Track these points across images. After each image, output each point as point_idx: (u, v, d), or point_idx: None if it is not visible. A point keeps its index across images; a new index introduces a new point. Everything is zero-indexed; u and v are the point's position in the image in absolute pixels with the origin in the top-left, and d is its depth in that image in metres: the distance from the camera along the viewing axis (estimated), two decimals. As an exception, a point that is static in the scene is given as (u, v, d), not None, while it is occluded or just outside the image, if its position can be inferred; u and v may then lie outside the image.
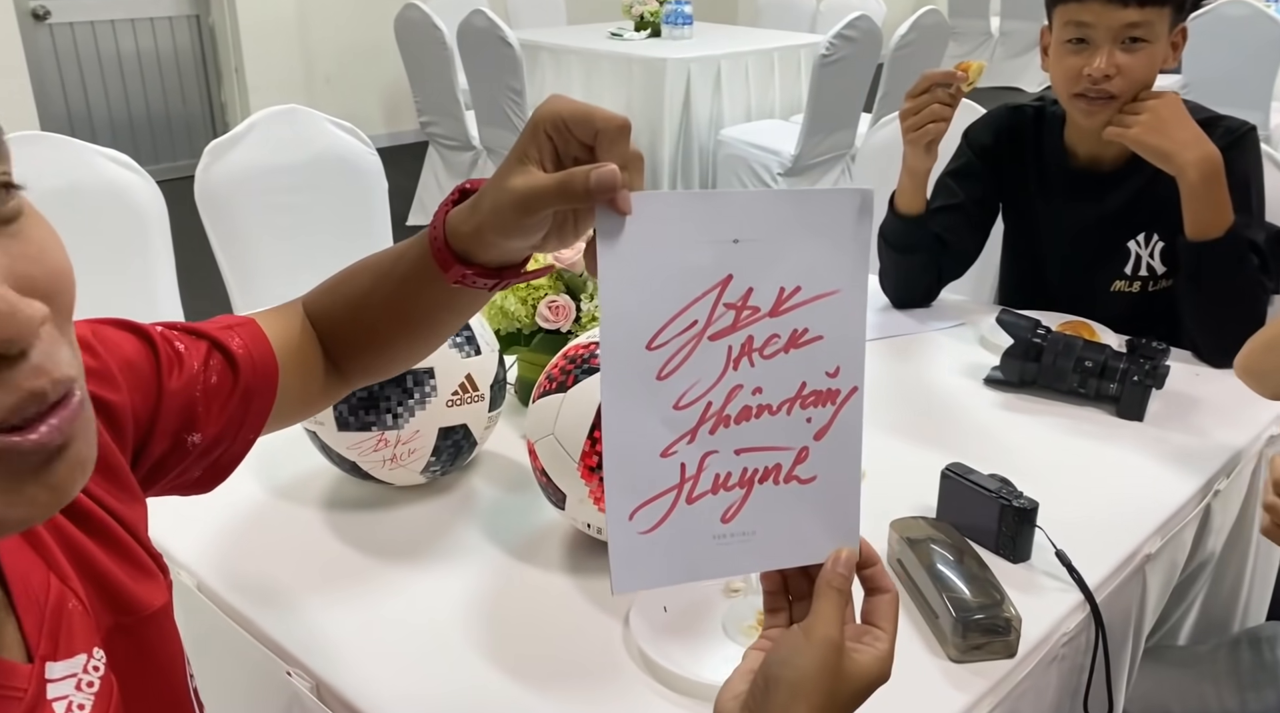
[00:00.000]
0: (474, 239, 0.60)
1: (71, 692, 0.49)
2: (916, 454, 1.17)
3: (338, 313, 0.73)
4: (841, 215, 0.55)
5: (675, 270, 0.53)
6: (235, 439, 0.68)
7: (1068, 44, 1.34)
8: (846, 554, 0.58)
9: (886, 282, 1.60)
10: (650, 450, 0.55)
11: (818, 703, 0.54)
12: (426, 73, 4.09)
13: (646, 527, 0.55)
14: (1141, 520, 1.04)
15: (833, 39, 3.62)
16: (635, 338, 0.53)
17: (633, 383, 0.54)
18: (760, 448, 0.57)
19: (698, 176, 4.29)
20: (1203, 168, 1.27)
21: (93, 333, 0.61)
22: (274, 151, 1.99)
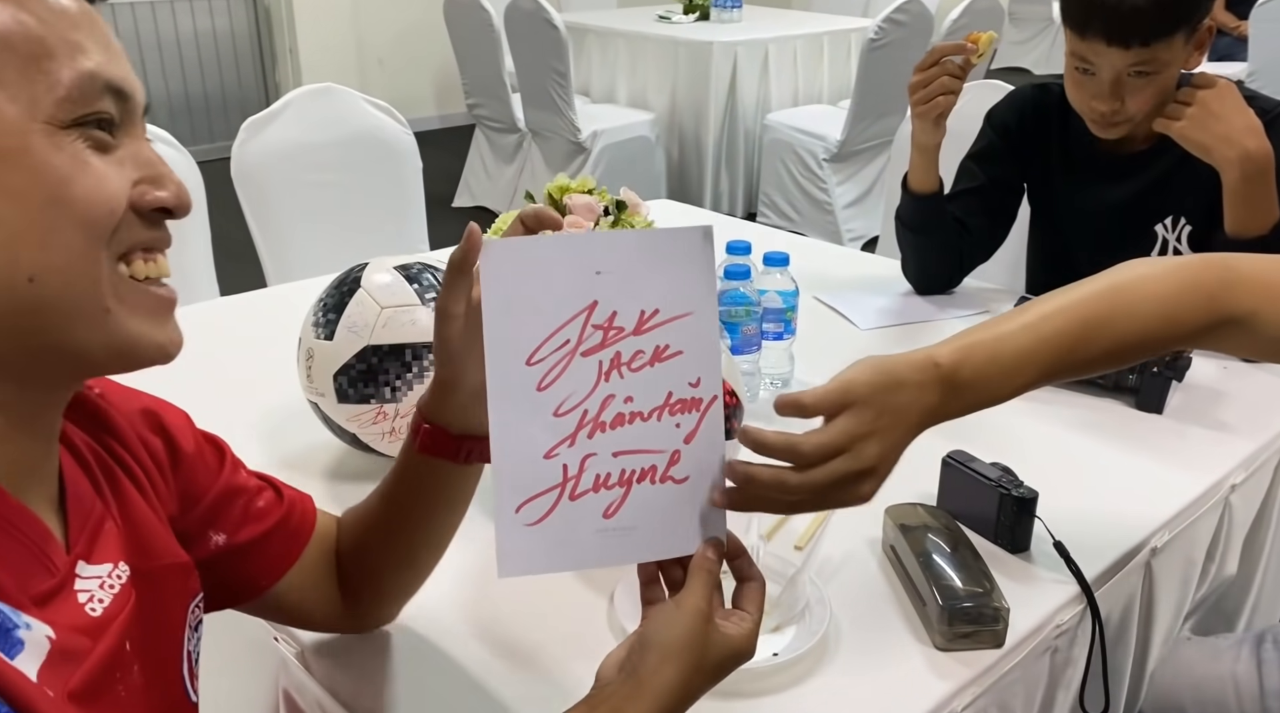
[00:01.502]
0: (438, 395, 0.70)
1: (95, 589, 0.56)
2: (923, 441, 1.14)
3: (357, 523, 0.80)
4: (687, 249, 0.63)
5: (547, 298, 0.62)
6: (251, 569, 0.74)
7: (1076, 69, 1.30)
8: (715, 543, 0.65)
9: (907, 266, 1.57)
10: (534, 452, 0.62)
11: (684, 666, 0.60)
12: (474, 55, 4.12)
13: (533, 519, 0.62)
14: (1148, 514, 1.02)
15: (882, 23, 3.56)
16: (516, 355, 0.61)
17: (515, 393, 0.61)
18: (636, 451, 0.63)
19: (742, 161, 4.26)
20: (1245, 166, 1.22)
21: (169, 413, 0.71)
22: (309, 130, 2.02)
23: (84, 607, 0.55)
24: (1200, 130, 1.23)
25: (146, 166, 0.54)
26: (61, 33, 0.51)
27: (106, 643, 0.55)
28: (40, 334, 0.52)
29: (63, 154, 0.51)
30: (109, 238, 0.52)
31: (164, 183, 0.55)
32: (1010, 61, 7.37)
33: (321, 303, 1.03)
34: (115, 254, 0.53)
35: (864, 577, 0.94)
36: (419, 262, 1.05)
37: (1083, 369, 0.80)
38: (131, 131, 0.55)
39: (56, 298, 0.51)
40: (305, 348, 1.03)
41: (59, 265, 0.51)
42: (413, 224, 2.17)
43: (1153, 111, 1.30)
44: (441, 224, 2.57)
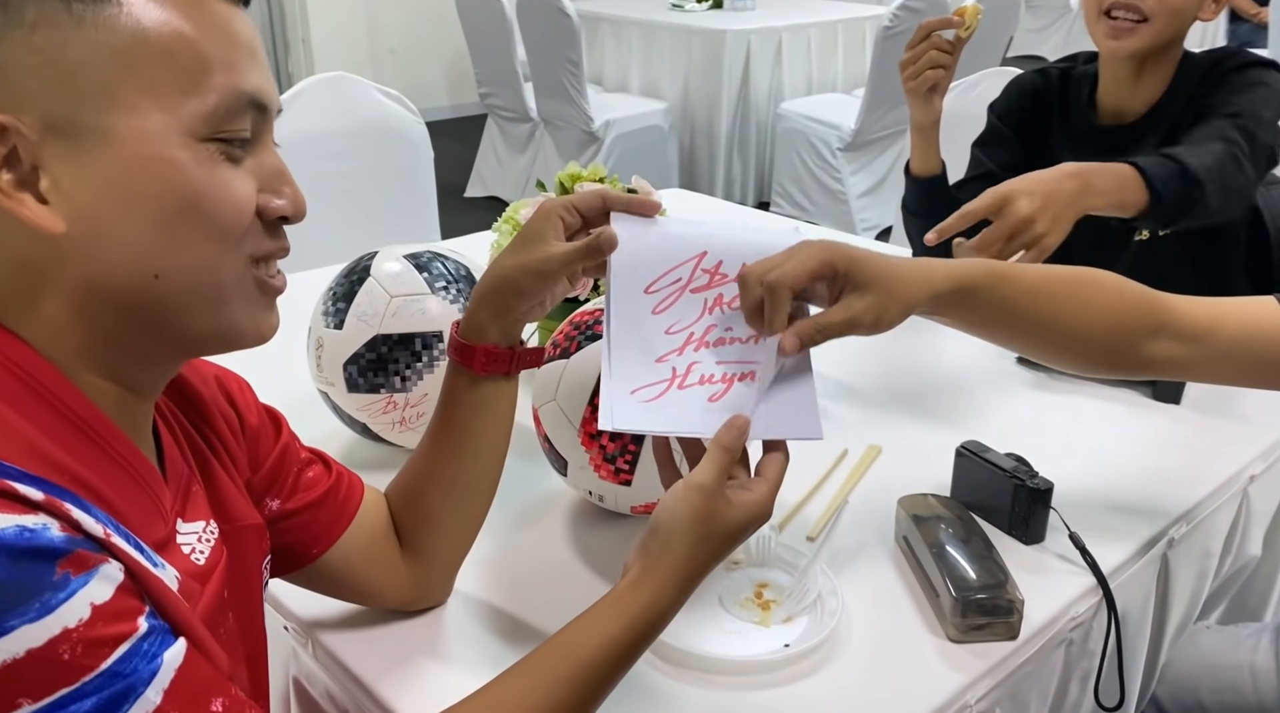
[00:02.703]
0: (492, 315, 0.76)
1: (194, 542, 0.61)
2: (939, 432, 1.14)
3: (407, 477, 0.84)
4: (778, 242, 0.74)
5: (667, 247, 0.75)
6: (301, 536, 0.77)
7: None
8: (742, 422, 0.69)
9: (916, 256, 1.55)
10: (648, 357, 0.72)
11: (690, 540, 0.65)
12: (486, 44, 4.11)
13: (646, 399, 0.71)
14: (1165, 506, 1.00)
15: (897, 10, 3.53)
16: (637, 283, 0.73)
17: (635, 311, 0.73)
18: (736, 361, 0.73)
19: (755, 150, 4.24)
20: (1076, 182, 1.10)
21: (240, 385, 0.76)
22: (321, 119, 2.02)
23: (189, 556, 0.60)
24: (1065, 216, 1.08)
25: (270, 175, 0.58)
26: (221, 49, 0.55)
27: (213, 587, 0.60)
28: (158, 321, 0.56)
29: (201, 168, 0.54)
30: (240, 243, 0.56)
31: (283, 192, 0.58)
32: (1027, 49, 7.30)
33: (331, 292, 1.03)
34: (245, 256, 0.57)
35: (876, 568, 0.93)
36: (429, 250, 1.05)
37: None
38: (262, 139, 0.58)
39: (179, 293, 0.55)
40: (315, 337, 1.03)
41: (186, 266, 0.55)
42: (425, 213, 2.17)
43: (1170, 29, 1.27)
44: (454, 214, 2.57)
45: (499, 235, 1.22)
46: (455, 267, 1.04)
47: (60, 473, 0.50)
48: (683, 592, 0.65)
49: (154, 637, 0.49)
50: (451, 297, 1.01)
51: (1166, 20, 1.27)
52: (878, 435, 1.15)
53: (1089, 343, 0.85)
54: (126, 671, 0.47)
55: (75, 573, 0.46)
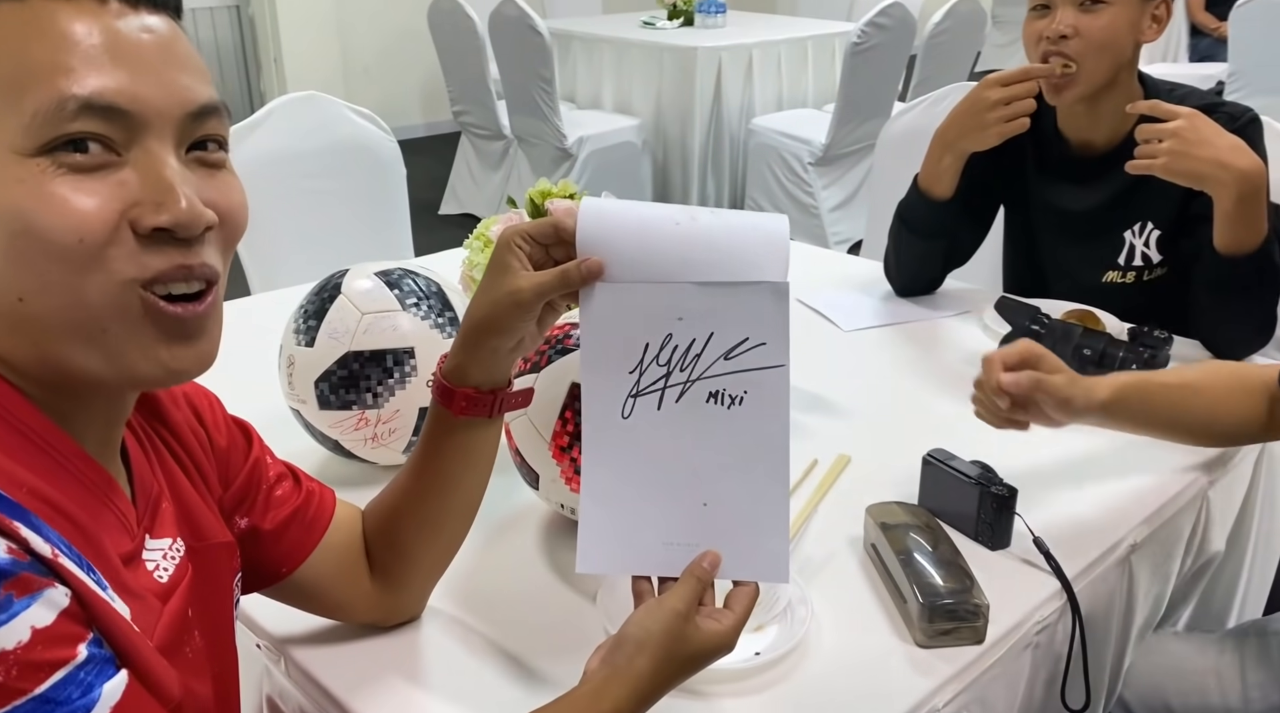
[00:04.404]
0: (472, 356, 0.74)
1: (159, 559, 0.61)
2: (906, 441, 1.15)
3: (384, 504, 0.83)
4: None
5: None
6: (270, 554, 0.77)
7: (1033, 11, 1.34)
8: (714, 558, 0.70)
9: (895, 269, 1.57)
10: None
11: (656, 656, 0.65)
12: (458, 62, 4.12)
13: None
14: (1128, 510, 1.02)
15: (865, 27, 3.58)
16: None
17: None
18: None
19: (728, 166, 4.27)
20: (1241, 187, 1.19)
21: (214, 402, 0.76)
22: (292, 138, 2.02)
23: (152, 574, 0.59)
24: (1186, 160, 1.20)
25: (149, 184, 0.52)
26: (47, 53, 0.50)
27: (173, 606, 0.59)
28: (49, 350, 0.53)
29: (24, 185, 0.50)
30: (97, 261, 0.51)
31: (164, 203, 0.52)
32: (994, 64, 7.39)
33: (302, 310, 1.03)
34: (121, 280, 0.52)
35: (846, 575, 0.94)
36: (400, 267, 1.05)
37: None
38: (144, 144, 0.53)
39: (49, 318, 0.52)
40: (286, 355, 1.03)
41: (41, 289, 0.51)
42: (397, 232, 2.17)
43: (1103, 68, 1.30)
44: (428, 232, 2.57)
45: (470, 252, 1.23)
46: (427, 283, 1.05)
47: (16, 487, 0.50)
48: (640, 707, 0.66)
49: (93, 666, 0.48)
50: (423, 313, 1.02)
51: (1096, 59, 1.30)
52: (847, 445, 1.16)
53: (1224, 421, 1.06)
54: (60, 697, 0.46)
55: (18, 595, 0.46)
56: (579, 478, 0.90)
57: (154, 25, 0.54)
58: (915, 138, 2.03)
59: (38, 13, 0.51)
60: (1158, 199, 1.33)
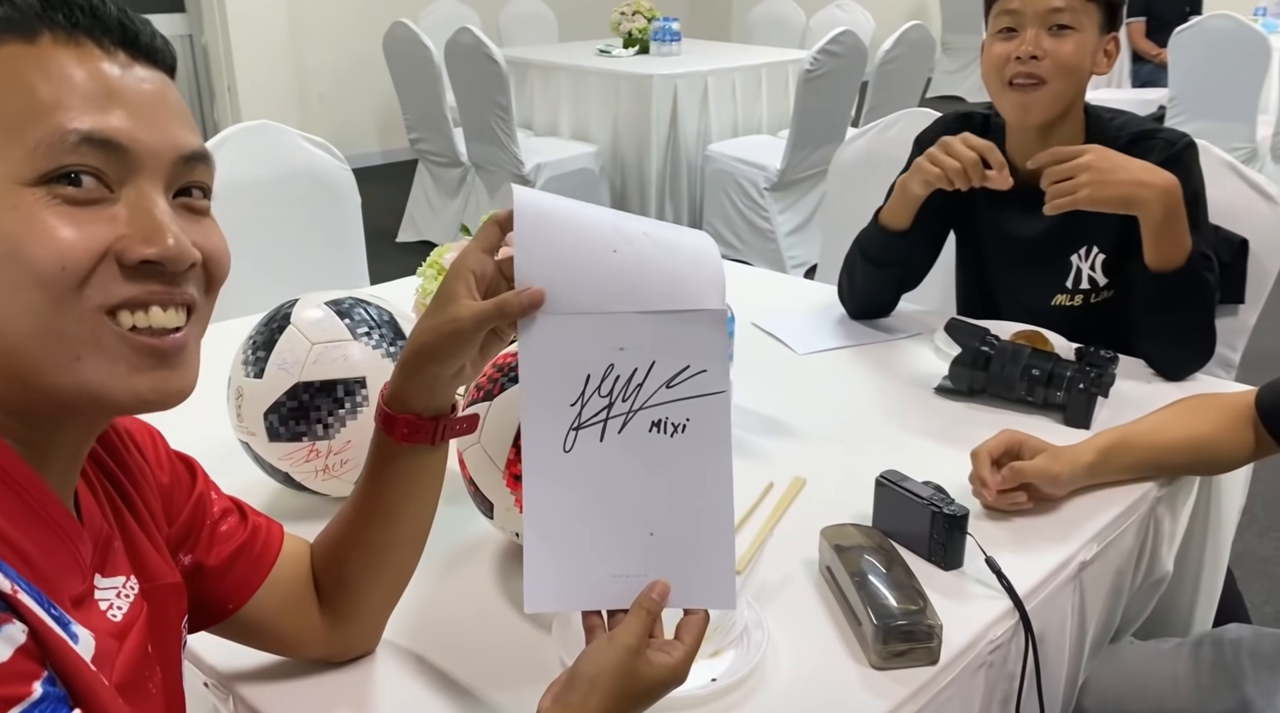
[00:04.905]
0: (413, 383, 0.73)
1: (112, 598, 0.61)
2: (860, 462, 1.16)
3: (330, 535, 0.82)
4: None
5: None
6: (215, 592, 0.76)
7: (999, 35, 1.37)
8: (663, 588, 0.69)
9: (851, 295, 1.58)
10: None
11: (610, 693, 0.65)
12: (414, 90, 4.12)
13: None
14: (1077, 528, 1.04)
15: (817, 54, 3.64)
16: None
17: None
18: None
19: (685, 192, 4.31)
20: (1166, 202, 1.25)
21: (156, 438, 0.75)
22: (245, 167, 2.00)
23: (105, 613, 0.59)
24: (1107, 188, 1.26)
25: (139, 220, 0.55)
26: (50, 91, 0.54)
27: (132, 643, 0.59)
28: (19, 373, 0.54)
29: (18, 212, 0.52)
30: (77, 290, 0.53)
31: (152, 237, 0.55)
32: (945, 90, 7.56)
33: (251, 341, 1.02)
34: (98, 305, 0.54)
35: (801, 598, 0.94)
36: (351, 296, 1.05)
37: None
38: (136, 183, 0.56)
39: (21, 345, 0.53)
40: (235, 387, 1.02)
41: (18, 314, 0.53)
42: (352, 261, 2.15)
43: (1068, 90, 1.35)
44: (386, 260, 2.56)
45: (424, 281, 1.23)
46: (378, 312, 1.04)
47: None
48: None
49: (47, 704, 0.48)
50: (374, 342, 1.01)
51: (1064, 81, 1.34)
52: (803, 468, 1.17)
53: (1210, 450, 1.12)
54: None
55: None
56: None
57: (150, 77, 0.58)
58: (866, 164, 2.07)
59: (45, 56, 0.54)
60: (1101, 224, 1.36)
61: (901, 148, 1.62)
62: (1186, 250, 1.28)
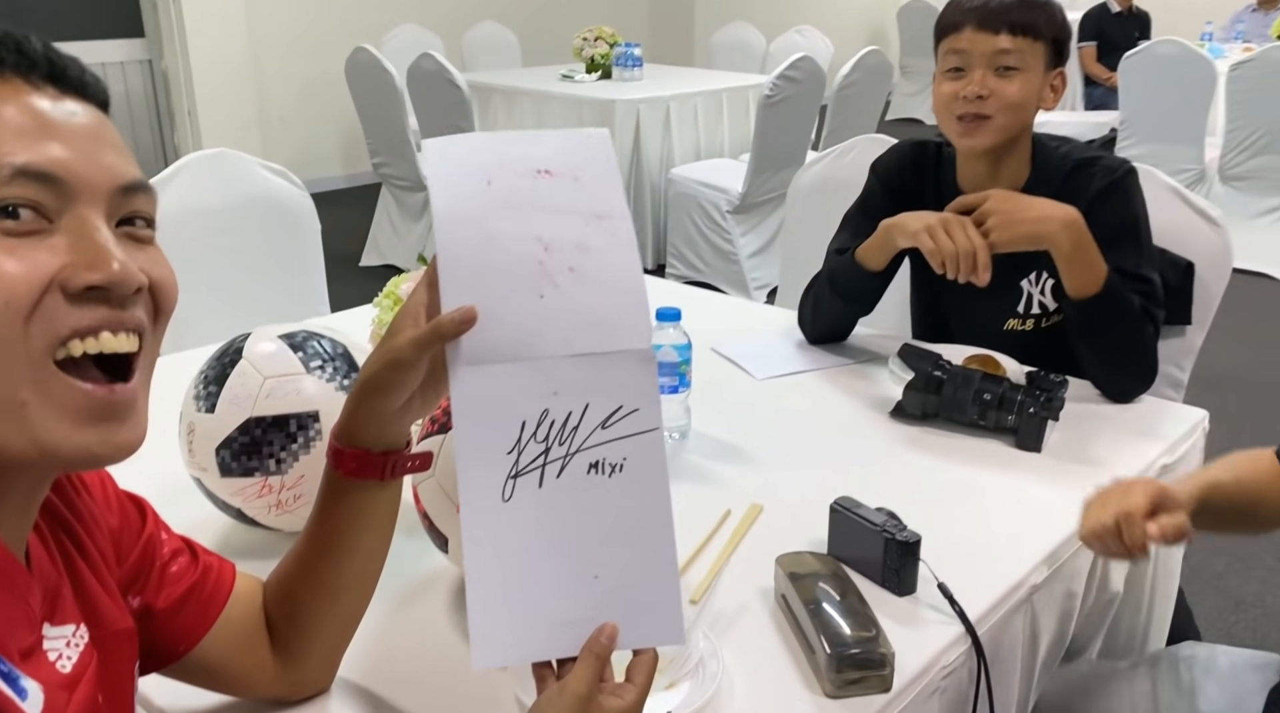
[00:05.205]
0: (359, 416, 0.72)
1: (62, 648, 0.60)
2: (817, 488, 1.17)
3: (281, 572, 0.81)
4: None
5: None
6: (165, 634, 0.74)
7: (947, 74, 1.41)
8: (611, 630, 0.68)
9: (816, 324, 1.60)
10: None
11: None
12: (377, 114, 4.12)
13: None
14: (1028, 552, 1.05)
15: (776, 80, 3.69)
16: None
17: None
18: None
19: (650, 214, 4.33)
20: (1071, 233, 1.30)
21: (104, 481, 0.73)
22: (202, 196, 1.99)
23: (54, 664, 0.58)
24: (1015, 227, 1.30)
25: (81, 247, 0.54)
26: None
27: (81, 694, 0.58)
28: None
29: None
30: (23, 327, 0.52)
31: (97, 263, 0.54)
32: (904, 113, 7.68)
33: (203, 376, 1.01)
34: (42, 344, 0.53)
35: (757, 627, 0.95)
36: (304, 330, 1.04)
37: None
38: (76, 212, 0.55)
39: None
40: (186, 422, 1.01)
41: None
42: (312, 287, 2.14)
43: (1014, 125, 1.39)
44: (349, 283, 2.55)
45: (380, 311, 1.23)
46: (332, 345, 1.03)
47: None
48: None
49: None
50: (328, 375, 1.00)
51: (1009, 116, 1.38)
52: (760, 494, 1.17)
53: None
54: None
55: None
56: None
57: (82, 110, 0.58)
58: (823, 189, 2.09)
59: None
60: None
61: (858, 173, 1.64)
62: (1102, 276, 1.32)
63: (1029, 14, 1.37)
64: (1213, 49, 4.99)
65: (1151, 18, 6.04)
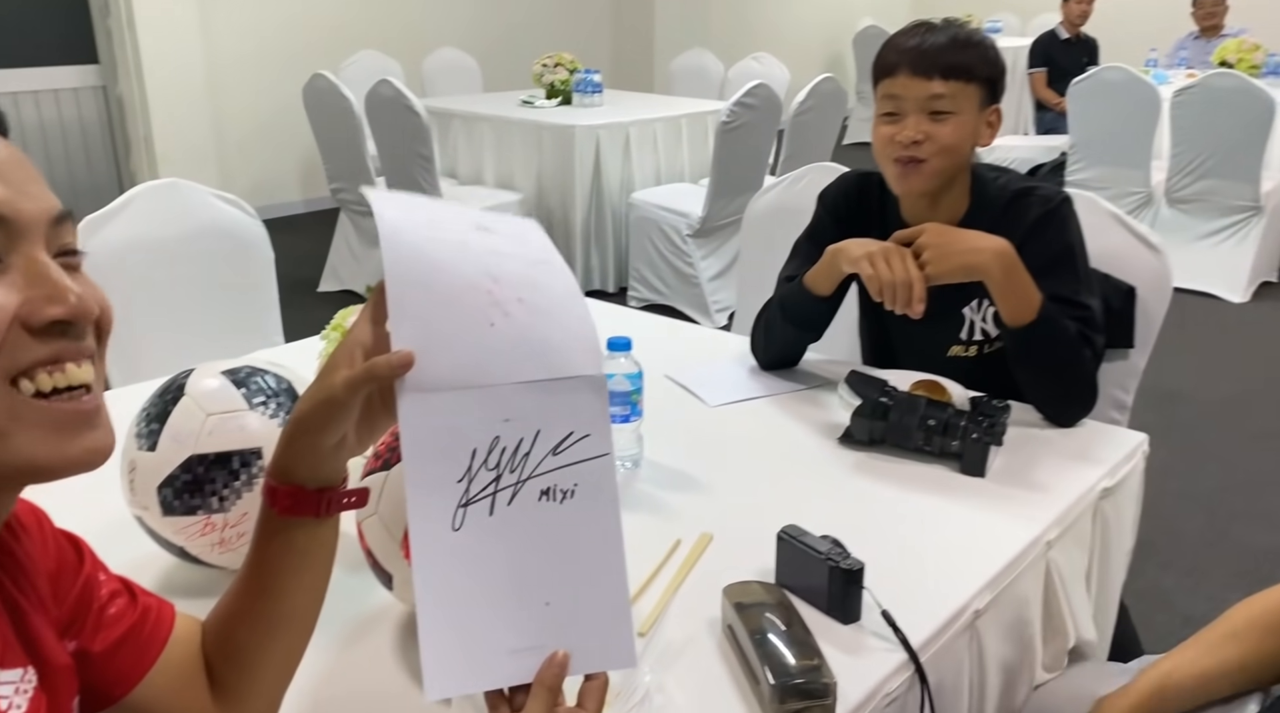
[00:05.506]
0: (293, 453, 0.71)
1: (11, 694, 0.59)
2: (766, 516, 1.17)
3: (220, 612, 0.80)
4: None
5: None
6: (103, 677, 0.73)
7: (883, 117, 1.44)
8: (562, 658, 0.68)
9: (769, 350, 1.61)
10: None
11: None
12: (335, 140, 4.10)
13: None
14: (970, 576, 1.07)
15: (733, 106, 3.73)
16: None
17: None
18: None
19: (611, 238, 4.35)
20: (1002, 262, 1.33)
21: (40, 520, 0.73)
22: (153, 226, 1.97)
23: (5, 712, 0.58)
24: (948, 259, 1.33)
25: (37, 283, 0.56)
26: None
27: None
28: None
29: None
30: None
31: (56, 297, 0.56)
32: (861, 137, 7.78)
33: (145, 413, 1.00)
34: (9, 374, 0.55)
35: (704, 659, 0.95)
36: (248, 365, 1.04)
37: None
38: (22, 250, 0.56)
39: None
40: (128, 460, 1.00)
41: None
42: (266, 317, 2.13)
43: (949, 166, 1.42)
44: (307, 310, 2.53)
45: (327, 343, 1.22)
46: (276, 381, 1.03)
47: None
48: None
49: None
50: (271, 411, 1.00)
51: (944, 159, 1.42)
52: (710, 522, 1.18)
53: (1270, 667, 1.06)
54: None
55: None
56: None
57: (3, 144, 0.58)
58: (777, 215, 2.12)
59: None
60: None
61: (810, 200, 1.67)
62: (1036, 304, 1.35)
63: (961, 55, 1.40)
64: (1157, 75, 5.11)
65: (1099, 44, 6.20)
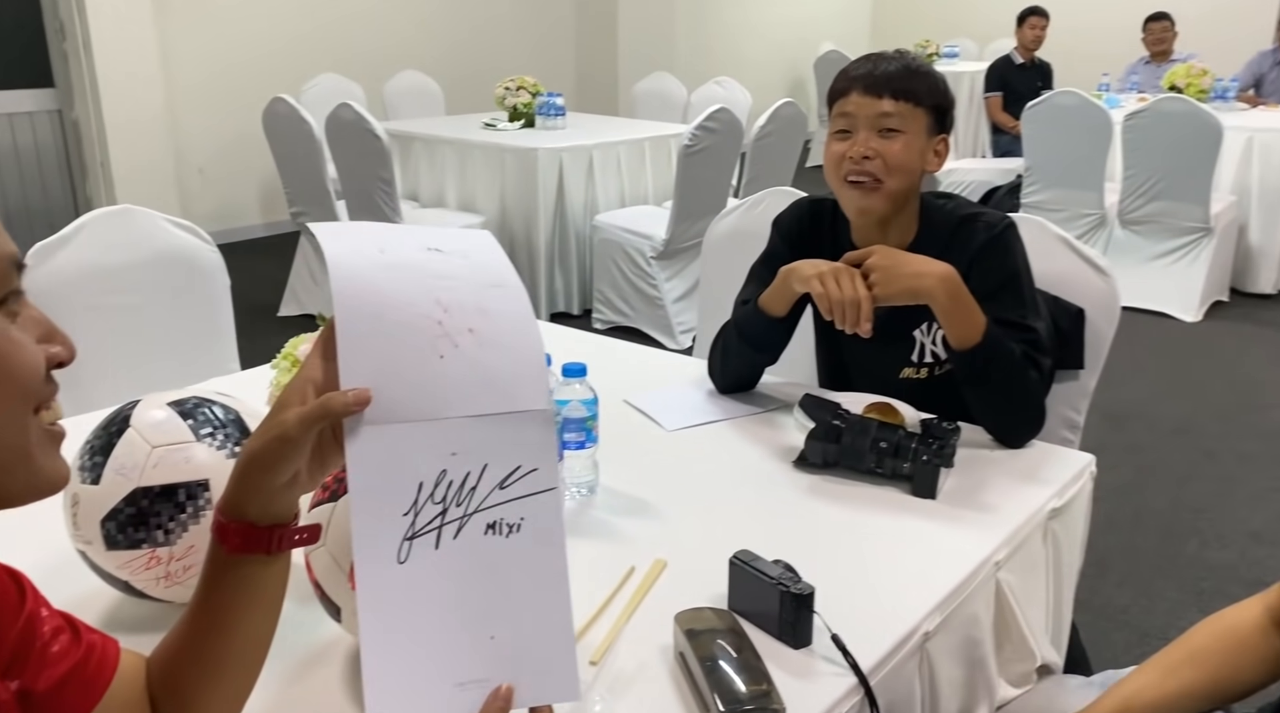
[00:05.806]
0: (244, 490, 0.71)
1: None
2: (720, 540, 1.18)
3: (165, 648, 0.80)
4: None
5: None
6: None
7: (835, 135, 1.48)
8: (506, 692, 0.68)
9: (727, 374, 1.62)
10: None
11: None
12: (295, 164, 4.09)
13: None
14: (919, 599, 1.08)
15: (695, 130, 3.77)
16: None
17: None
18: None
19: (575, 261, 4.36)
20: (947, 286, 1.36)
21: None
22: (105, 253, 1.94)
23: None
24: (894, 282, 1.36)
25: (41, 325, 0.61)
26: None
27: None
28: None
29: (3, 336, 0.58)
30: (38, 391, 0.60)
31: (58, 338, 0.61)
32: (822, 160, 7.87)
33: (88, 446, 0.99)
34: (34, 407, 0.61)
35: (656, 686, 0.95)
36: (195, 396, 1.03)
37: None
38: (20, 299, 0.61)
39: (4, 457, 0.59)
40: (71, 493, 0.98)
41: (7, 426, 0.58)
42: (221, 344, 2.11)
43: (900, 185, 1.45)
44: (267, 335, 2.50)
45: (278, 372, 1.21)
46: (224, 412, 1.02)
47: None
48: None
49: None
50: (219, 443, 0.99)
51: (898, 179, 1.45)
52: (664, 548, 1.18)
53: (1230, 688, 1.06)
54: None
55: None
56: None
57: None
58: (735, 239, 2.14)
59: None
60: None
61: (768, 224, 1.69)
62: (981, 327, 1.38)
63: (910, 82, 1.45)
64: (1109, 99, 5.23)
65: (1053, 68, 6.33)
